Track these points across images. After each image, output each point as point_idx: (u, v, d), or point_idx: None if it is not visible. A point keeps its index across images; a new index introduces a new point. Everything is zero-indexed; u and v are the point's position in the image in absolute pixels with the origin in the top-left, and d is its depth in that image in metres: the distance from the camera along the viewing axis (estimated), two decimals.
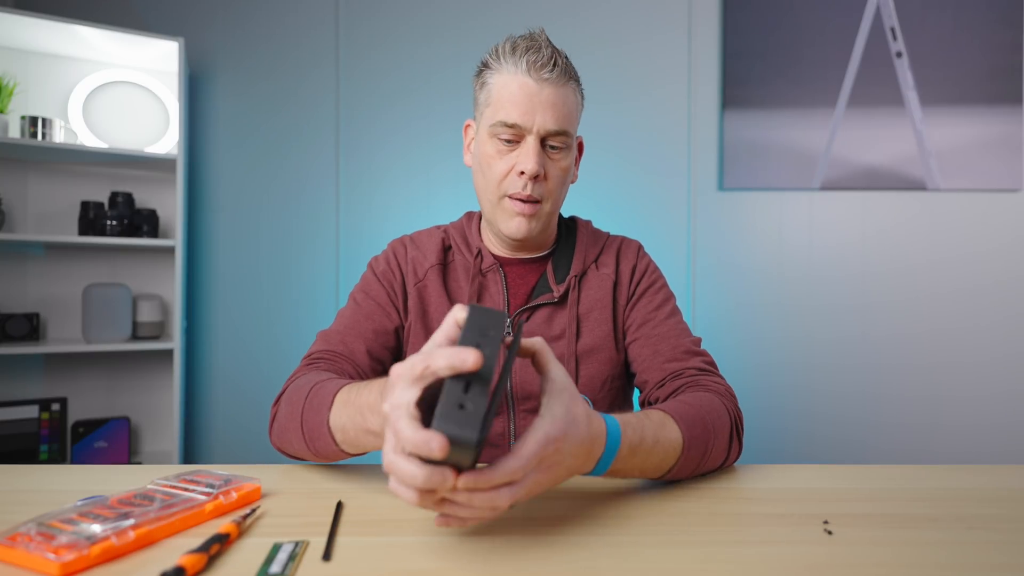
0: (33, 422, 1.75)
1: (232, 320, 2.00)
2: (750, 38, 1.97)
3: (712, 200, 2.00)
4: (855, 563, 0.46)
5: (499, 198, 0.81)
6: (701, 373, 0.79)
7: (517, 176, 0.78)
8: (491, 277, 0.86)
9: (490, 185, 0.81)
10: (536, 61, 0.76)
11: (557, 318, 0.84)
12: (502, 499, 0.45)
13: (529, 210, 0.80)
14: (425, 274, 0.87)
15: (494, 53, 0.80)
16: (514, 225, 0.81)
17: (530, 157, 0.77)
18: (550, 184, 0.80)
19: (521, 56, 0.77)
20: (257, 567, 0.44)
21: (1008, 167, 1.96)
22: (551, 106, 0.77)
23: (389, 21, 2.01)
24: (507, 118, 0.77)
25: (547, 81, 0.76)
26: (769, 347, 1.99)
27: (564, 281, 0.85)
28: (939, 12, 1.96)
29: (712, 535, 0.52)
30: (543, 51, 0.77)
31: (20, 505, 0.57)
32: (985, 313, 1.98)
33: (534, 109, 0.76)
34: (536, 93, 0.76)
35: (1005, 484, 0.67)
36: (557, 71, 0.77)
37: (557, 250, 0.89)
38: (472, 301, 0.84)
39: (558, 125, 0.77)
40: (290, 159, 2.01)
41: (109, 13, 1.94)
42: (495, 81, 0.79)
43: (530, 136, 0.77)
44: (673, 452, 0.61)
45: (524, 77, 0.76)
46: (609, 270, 0.88)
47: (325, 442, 0.61)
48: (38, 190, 1.89)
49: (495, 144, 0.79)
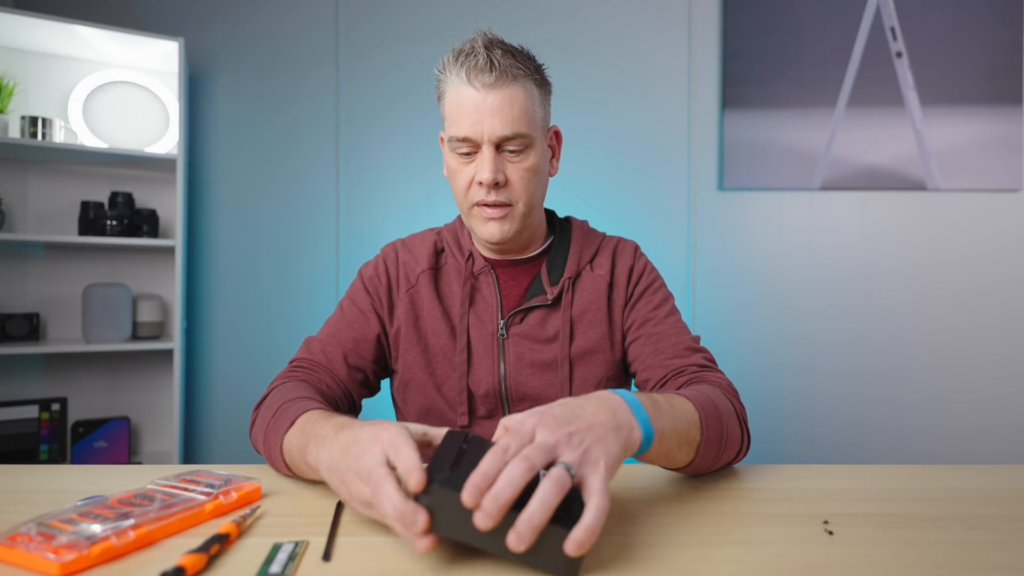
0: (33, 422, 1.75)
1: (232, 320, 2.00)
2: (750, 38, 1.97)
3: (712, 200, 2.00)
4: (855, 563, 0.46)
5: (469, 207, 0.81)
6: (703, 369, 0.79)
7: (478, 186, 0.78)
8: (483, 280, 0.86)
9: (459, 196, 0.82)
10: (474, 68, 0.75)
11: (551, 320, 0.84)
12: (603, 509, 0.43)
13: (498, 213, 0.79)
14: (417, 279, 0.86)
15: (441, 64, 0.79)
16: (487, 230, 0.81)
17: (484, 167, 0.76)
18: (516, 187, 0.79)
19: (461, 65, 0.75)
20: (257, 567, 0.44)
21: (1008, 167, 1.96)
22: (497, 111, 0.75)
23: (389, 21, 2.01)
24: (458, 132, 0.77)
25: (490, 87, 0.75)
26: (769, 347, 1.99)
27: (558, 283, 0.85)
28: (939, 12, 1.96)
29: (712, 535, 0.52)
30: (479, 57, 0.74)
31: (20, 505, 0.57)
32: (985, 314, 1.98)
33: (481, 119, 0.75)
34: (480, 102, 0.75)
35: (1005, 484, 0.67)
36: (496, 74, 0.74)
37: (551, 251, 0.88)
38: (464, 304, 0.84)
39: (509, 129, 0.76)
40: (290, 159, 2.01)
41: (109, 13, 1.94)
42: (446, 94, 0.79)
43: (484, 145, 0.77)
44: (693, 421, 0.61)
45: (467, 87, 0.76)
46: (604, 271, 0.87)
47: (277, 461, 0.64)
48: (38, 190, 1.89)
49: (455, 157, 0.80)
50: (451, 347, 0.84)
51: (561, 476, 0.43)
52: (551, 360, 0.83)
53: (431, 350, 0.84)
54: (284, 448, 0.62)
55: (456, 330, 0.84)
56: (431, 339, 0.84)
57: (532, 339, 0.84)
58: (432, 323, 0.84)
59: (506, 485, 0.41)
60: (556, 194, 1.53)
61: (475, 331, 0.84)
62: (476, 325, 0.84)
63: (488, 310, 0.84)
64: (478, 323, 0.84)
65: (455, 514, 0.42)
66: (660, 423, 0.55)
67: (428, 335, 0.85)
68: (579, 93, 1.98)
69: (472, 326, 0.84)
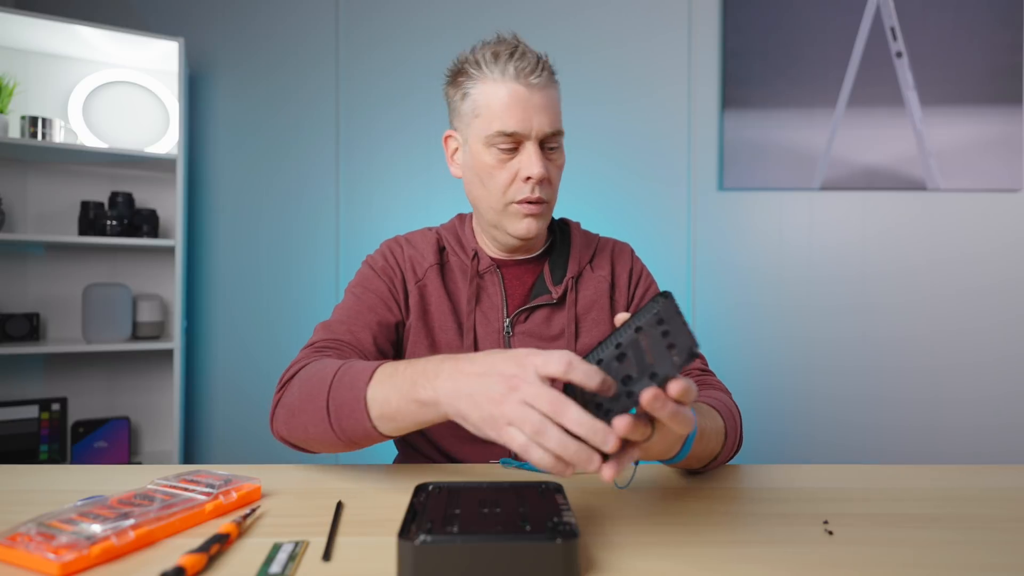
0: (33, 422, 1.75)
1: (232, 320, 2.00)
2: (750, 38, 1.97)
3: (712, 200, 2.00)
4: (855, 563, 0.46)
5: (504, 205, 0.81)
6: (703, 373, 0.84)
7: (523, 182, 0.79)
8: (489, 279, 0.86)
9: (493, 195, 0.81)
10: (524, 68, 0.77)
11: (556, 319, 0.85)
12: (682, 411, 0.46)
13: (537, 210, 0.81)
14: (424, 273, 0.86)
15: (472, 62, 0.80)
16: (523, 227, 0.82)
17: (535, 162, 0.78)
18: (552, 183, 0.82)
19: (507, 63, 0.77)
20: (257, 567, 0.44)
21: (1008, 167, 1.96)
22: (544, 109, 0.78)
23: (389, 21, 2.01)
24: (505, 127, 0.77)
25: (537, 86, 0.78)
26: (769, 347, 1.99)
27: (561, 282, 0.86)
28: (939, 12, 1.96)
29: (712, 535, 0.52)
30: (529, 57, 0.78)
31: (20, 505, 0.57)
32: (985, 313, 1.98)
33: (530, 115, 0.77)
34: (528, 99, 0.77)
35: (1005, 484, 0.67)
36: (545, 74, 0.78)
37: (552, 252, 0.90)
38: (471, 302, 0.84)
39: (553, 126, 0.79)
40: (290, 159, 2.01)
41: (109, 13, 1.94)
42: (481, 91, 0.79)
43: (529, 142, 0.78)
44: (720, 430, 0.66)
45: (514, 84, 0.77)
46: (605, 272, 0.90)
47: (356, 418, 0.59)
48: (38, 190, 1.89)
49: (494, 154, 0.79)
50: (458, 343, 0.84)
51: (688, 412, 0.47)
52: None
53: (438, 345, 0.85)
54: (370, 399, 0.57)
55: (463, 327, 0.85)
56: (439, 334, 0.85)
57: (537, 337, 0.85)
58: (440, 318, 0.85)
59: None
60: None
61: (481, 328, 0.85)
62: (483, 323, 0.85)
63: (494, 308, 0.85)
64: (484, 321, 0.85)
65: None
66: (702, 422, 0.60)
67: (436, 330, 0.85)
68: (579, 93, 1.98)
69: (479, 323, 0.85)
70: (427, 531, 0.42)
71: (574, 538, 0.42)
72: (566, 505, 0.48)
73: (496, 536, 0.42)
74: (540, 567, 0.41)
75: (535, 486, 0.53)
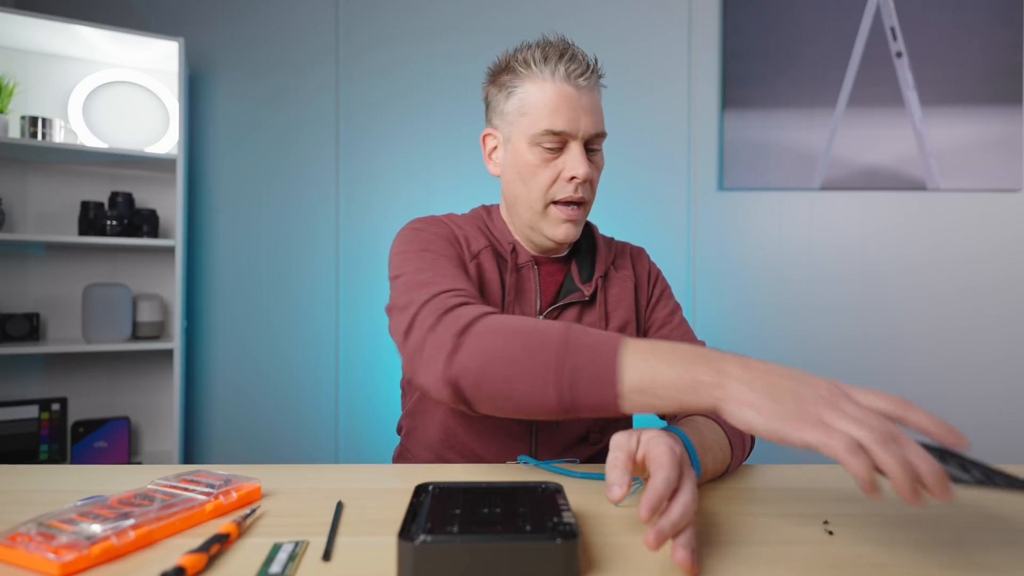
0: (33, 422, 1.75)
1: (232, 320, 2.00)
2: (750, 38, 1.97)
3: (712, 200, 2.00)
4: (855, 563, 0.46)
5: (544, 206, 0.82)
6: None
7: (566, 182, 0.80)
8: (525, 273, 0.87)
9: (534, 194, 0.82)
10: (575, 70, 0.79)
11: (586, 316, 0.87)
12: (689, 506, 0.46)
13: (575, 215, 0.82)
14: (479, 252, 0.85)
15: (520, 61, 0.80)
16: (562, 231, 0.83)
17: (580, 162, 0.79)
18: (593, 184, 0.84)
19: (557, 64, 0.78)
20: (257, 567, 0.44)
21: (1008, 167, 1.96)
22: (591, 111, 0.80)
23: (389, 21, 2.01)
24: (553, 126, 0.78)
25: (585, 88, 0.79)
26: (769, 347, 1.99)
27: (590, 280, 0.88)
28: (939, 12, 1.96)
29: (712, 535, 0.52)
30: (579, 59, 0.79)
31: (20, 505, 0.57)
32: (985, 313, 1.98)
33: (578, 116, 0.79)
34: (577, 99, 0.79)
35: None
36: (593, 76, 0.80)
37: (579, 251, 0.92)
38: (510, 294, 0.84)
39: (598, 128, 0.81)
40: (290, 159, 2.01)
41: (109, 13, 1.94)
42: (528, 89, 0.80)
43: (574, 142, 0.80)
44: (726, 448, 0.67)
45: (563, 84, 0.78)
46: (628, 272, 0.92)
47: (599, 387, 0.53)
48: (38, 190, 1.89)
49: (538, 153, 0.80)
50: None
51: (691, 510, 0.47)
52: None
53: None
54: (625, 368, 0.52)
55: None
56: None
57: None
58: (491, 299, 0.84)
59: (681, 516, 0.45)
60: None
61: None
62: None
63: (529, 304, 0.86)
64: (520, 314, 0.85)
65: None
66: (705, 462, 0.61)
67: None
68: None
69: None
70: (427, 531, 0.42)
71: (574, 538, 0.42)
72: (566, 505, 0.48)
73: (496, 536, 0.42)
74: (540, 567, 0.41)
75: (535, 486, 0.53)
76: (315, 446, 1.98)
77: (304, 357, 1.99)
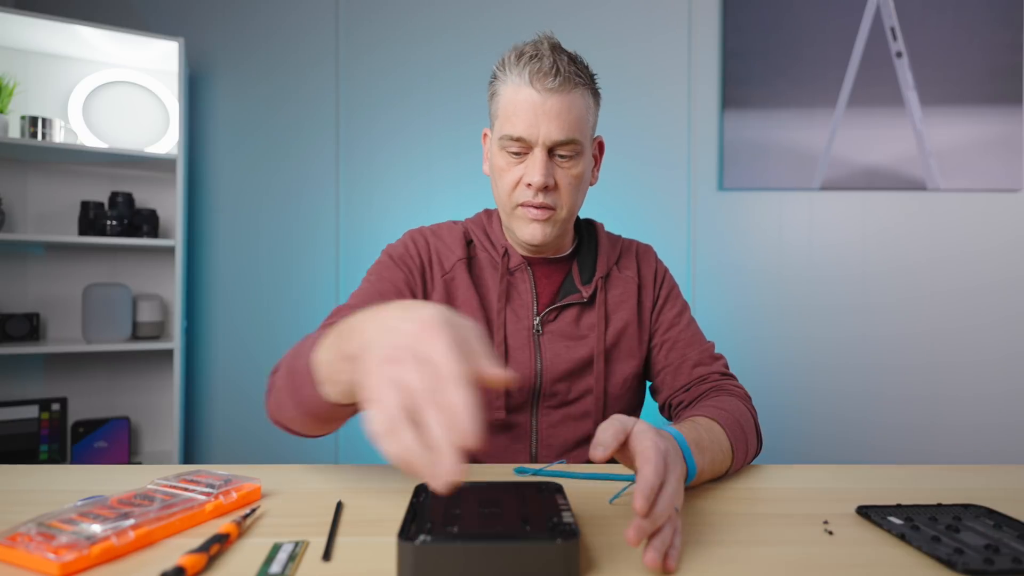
0: (33, 422, 1.75)
1: (232, 320, 2.00)
2: (750, 38, 1.97)
3: (712, 200, 2.00)
4: (855, 563, 0.46)
5: (512, 208, 0.82)
6: (724, 378, 0.85)
7: (526, 187, 0.79)
8: (519, 276, 0.87)
9: (503, 196, 0.82)
10: (539, 71, 0.75)
11: (585, 318, 0.86)
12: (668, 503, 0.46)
13: (543, 215, 0.80)
14: (453, 267, 0.86)
15: (501, 63, 0.80)
16: (529, 231, 0.82)
17: (536, 169, 0.77)
18: (563, 192, 0.80)
19: (524, 66, 0.76)
20: (257, 567, 0.44)
21: (1008, 167, 1.96)
22: (556, 116, 0.76)
23: (389, 21, 2.01)
24: (512, 131, 0.77)
25: (551, 91, 0.76)
26: (769, 347, 1.99)
27: (591, 282, 0.87)
28: (939, 12, 1.96)
29: (712, 535, 0.52)
30: (544, 60, 0.76)
31: (20, 505, 0.57)
32: (985, 313, 1.98)
33: (538, 121, 0.76)
34: (539, 104, 0.76)
35: (1005, 484, 0.67)
36: (559, 80, 0.75)
37: (580, 252, 0.91)
38: (501, 299, 0.85)
39: (564, 135, 0.77)
40: (290, 159, 2.01)
41: (109, 13, 1.94)
42: (502, 92, 0.80)
43: (536, 148, 0.77)
44: (727, 449, 0.67)
45: (527, 88, 0.76)
46: (631, 272, 0.91)
47: (308, 390, 0.54)
48: (38, 190, 1.89)
49: (504, 156, 0.80)
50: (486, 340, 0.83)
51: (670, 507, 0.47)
52: (587, 357, 0.85)
53: None
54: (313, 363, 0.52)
55: (493, 324, 0.85)
56: None
57: (567, 336, 0.85)
58: (469, 312, 0.84)
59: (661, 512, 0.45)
60: None
61: (511, 326, 0.85)
62: (512, 320, 0.85)
63: (524, 307, 0.85)
64: (514, 318, 0.85)
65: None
66: (702, 462, 0.61)
67: None
68: None
69: (509, 321, 0.85)
70: (427, 531, 0.42)
71: (574, 538, 0.42)
72: (566, 505, 0.49)
73: (496, 536, 0.42)
74: (540, 567, 0.41)
75: (535, 486, 0.53)
76: (315, 446, 1.98)
77: None
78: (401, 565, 0.42)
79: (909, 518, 0.53)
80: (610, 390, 0.86)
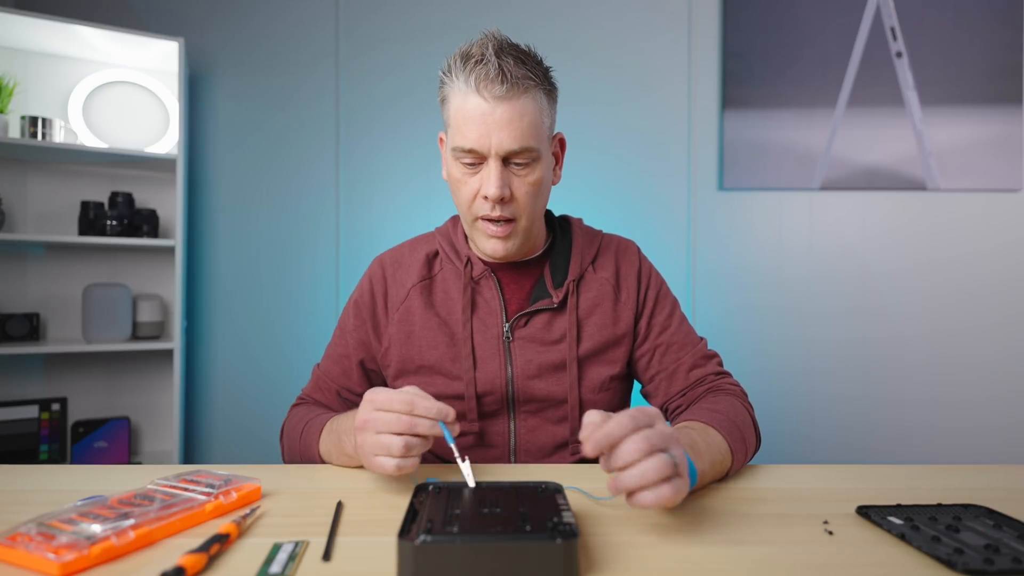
0: (33, 422, 1.75)
1: (232, 320, 2.00)
2: (750, 38, 1.97)
3: (712, 200, 2.00)
4: (855, 563, 0.46)
5: (472, 220, 0.79)
6: (719, 377, 0.84)
7: (483, 200, 0.76)
8: (484, 284, 0.84)
9: (462, 207, 0.79)
10: (484, 77, 0.70)
11: (556, 323, 0.83)
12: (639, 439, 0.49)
13: (502, 231, 0.77)
14: (407, 295, 0.85)
15: (447, 67, 0.75)
16: (490, 247, 0.79)
17: (491, 182, 0.73)
18: (521, 201, 0.76)
19: (470, 72, 0.71)
20: (257, 567, 0.44)
21: (1008, 167, 1.96)
22: (507, 124, 0.71)
23: (389, 21, 2.01)
24: (464, 143, 0.73)
25: (499, 98, 0.71)
26: (769, 347, 1.99)
27: (562, 285, 0.84)
28: (939, 12, 1.96)
29: (712, 535, 0.52)
30: (490, 65, 0.70)
31: (20, 505, 0.57)
32: (985, 314, 1.98)
33: (489, 131, 0.72)
34: (489, 113, 0.71)
35: (1005, 484, 0.67)
36: (507, 86, 0.70)
37: (552, 252, 0.87)
38: (466, 311, 0.83)
39: (517, 144, 0.72)
40: (290, 159, 2.01)
41: (109, 13, 1.94)
42: (451, 99, 0.75)
43: (490, 159, 0.73)
44: (725, 450, 0.66)
45: (475, 97, 0.71)
46: (608, 273, 0.87)
47: (318, 460, 0.77)
48: (38, 190, 1.89)
49: (459, 167, 0.76)
50: (449, 356, 0.82)
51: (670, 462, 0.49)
52: (559, 362, 0.82)
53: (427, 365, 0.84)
54: (322, 454, 0.75)
55: (458, 337, 0.83)
56: (426, 353, 0.83)
57: (538, 342, 0.83)
58: (426, 336, 0.83)
59: (628, 448, 0.49)
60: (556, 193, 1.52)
61: (479, 335, 0.83)
62: (480, 330, 0.83)
63: (492, 314, 0.83)
64: (482, 327, 0.83)
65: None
66: (701, 465, 0.61)
67: (423, 350, 0.83)
68: (579, 93, 1.98)
69: (476, 331, 0.83)
70: (427, 531, 0.43)
71: (574, 538, 0.42)
72: (566, 505, 0.49)
73: (496, 536, 0.42)
74: (540, 567, 0.41)
75: (535, 486, 0.53)
76: None
77: (304, 357, 1.98)
78: (401, 565, 0.42)
79: (909, 518, 0.53)
80: (585, 395, 0.83)
